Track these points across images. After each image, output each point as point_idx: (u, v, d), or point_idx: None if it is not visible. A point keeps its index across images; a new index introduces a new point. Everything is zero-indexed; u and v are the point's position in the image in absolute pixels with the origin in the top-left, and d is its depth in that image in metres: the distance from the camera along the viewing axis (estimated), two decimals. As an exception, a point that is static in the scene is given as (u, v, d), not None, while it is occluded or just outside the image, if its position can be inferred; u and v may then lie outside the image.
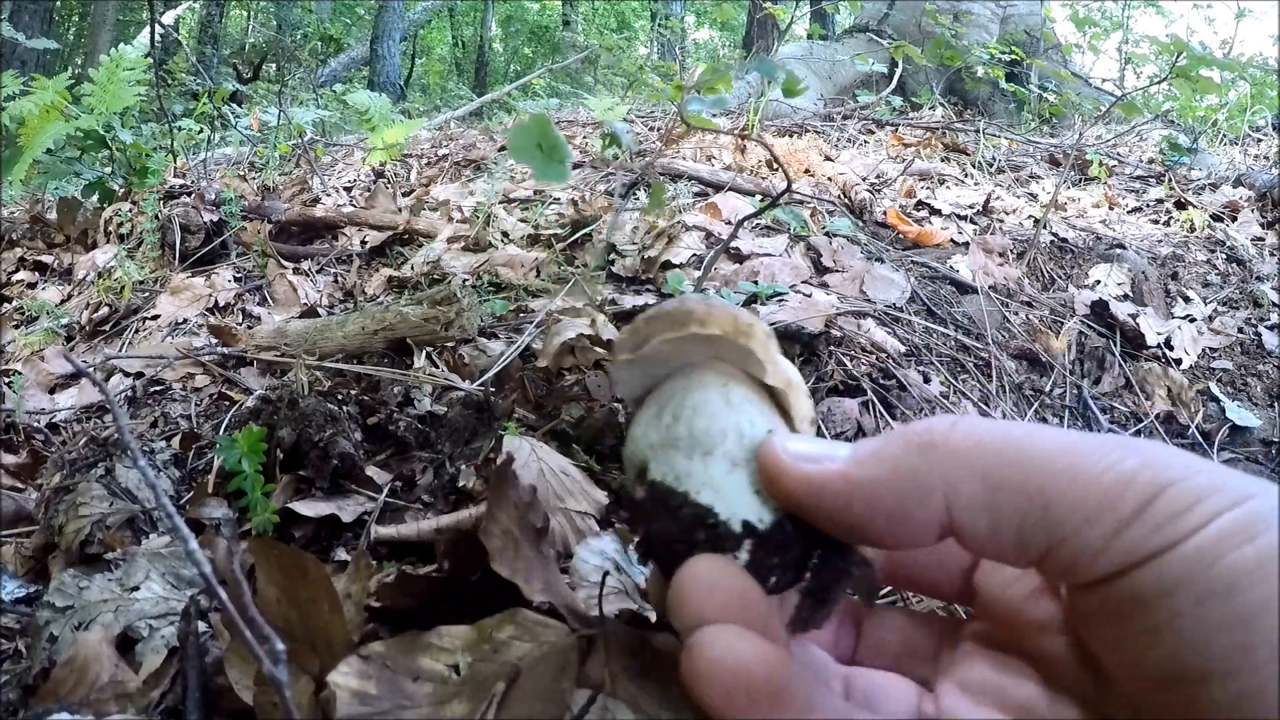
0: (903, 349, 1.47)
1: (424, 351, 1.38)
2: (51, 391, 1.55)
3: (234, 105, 4.12)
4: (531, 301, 1.64)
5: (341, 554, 0.93)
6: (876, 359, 1.39)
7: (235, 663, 0.61)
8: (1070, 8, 6.19)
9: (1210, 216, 2.71)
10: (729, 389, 0.51)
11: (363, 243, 2.15)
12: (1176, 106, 4.47)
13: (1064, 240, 2.35)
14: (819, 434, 1.22)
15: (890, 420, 1.28)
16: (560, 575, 0.67)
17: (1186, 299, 2.08)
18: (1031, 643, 0.47)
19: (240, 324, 1.73)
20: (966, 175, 3.09)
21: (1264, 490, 0.37)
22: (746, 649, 0.41)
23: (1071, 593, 0.43)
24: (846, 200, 2.42)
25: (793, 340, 1.38)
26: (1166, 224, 2.76)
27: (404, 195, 2.61)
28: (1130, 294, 2.03)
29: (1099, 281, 2.06)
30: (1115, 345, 1.75)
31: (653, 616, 0.64)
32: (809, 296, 1.57)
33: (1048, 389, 1.57)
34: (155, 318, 1.81)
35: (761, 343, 0.51)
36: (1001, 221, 2.50)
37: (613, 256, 1.82)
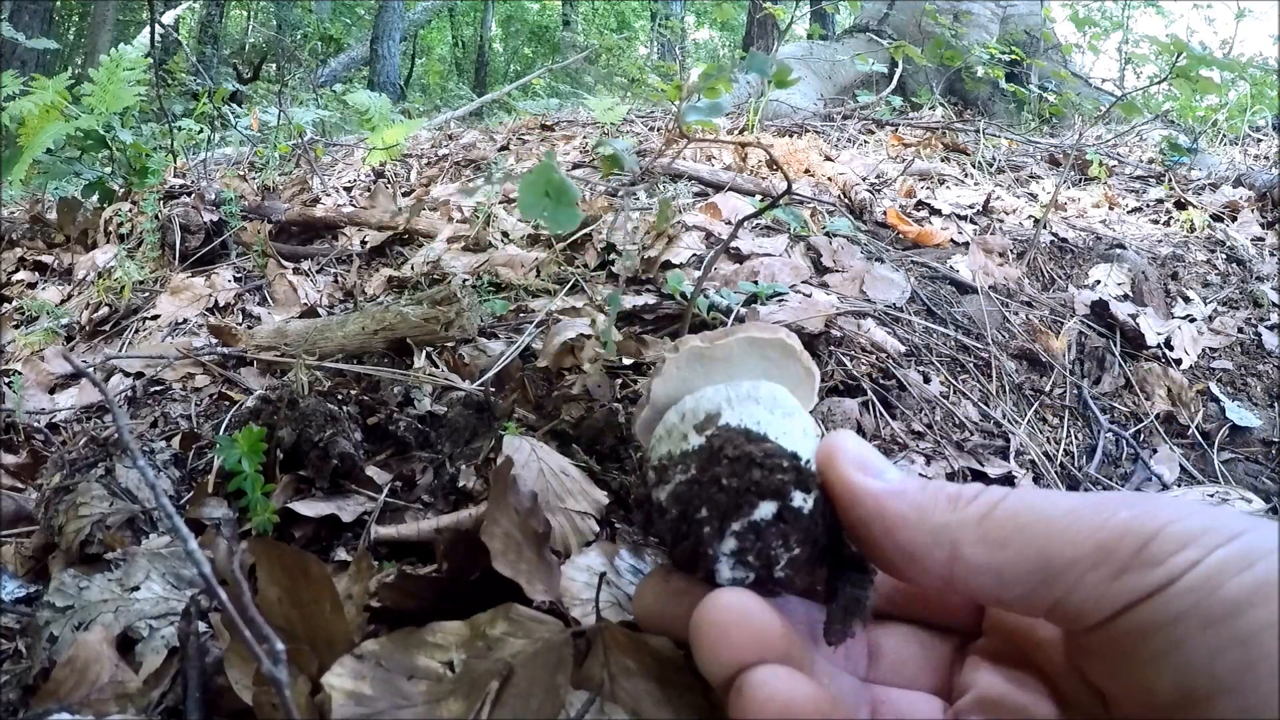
0: (903, 349, 1.47)
1: (424, 351, 1.38)
2: (51, 391, 1.55)
3: (234, 105, 4.12)
4: (531, 301, 1.64)
5: (342, 554, 0.93)
6: (876, 359, 1.39)
7: (235, 663, 0.61)
8: (1070, 8, 6.19)
9: (1210, 216, 2.71)
10: (792, 394, 0.58)
11: (363, 243, 2.15)
12: (1176, 106, 4.47)
13: (1064, 240, 2.35)
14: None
15: (890, 420, 1.28)
16: (560, 580, 0.67)
17: (1186, 299, 2.08)
18: (1040, 659, 0.50)
19: (240, 324, 1.73)
20: (966, 175, 3.09)
21: (1254, 526, 0.41)
22: (798, 690, 0.46)
23: (1072, 634, 0.46)
24: (846, 200, 2.42)
25: (793, 340, 1.38)
26: (1166, 224, 2.76)
27: (404, 195, 2.61)
28: (1130, 294, 2.03)
29: (1099, 281, 2.06)
30: (1115, 345, 1.75)
31: None
32: (809, 296, 1.57)
33: (1048, 389, 1.57)
34: (155, 318, 1.81)
35: (812, 379, 0.60)
36: (1001, 221, 2.50)
37: (612, 256, 1.82)
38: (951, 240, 2.22)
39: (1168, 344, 1.80)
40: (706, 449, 0.53)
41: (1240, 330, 1.97)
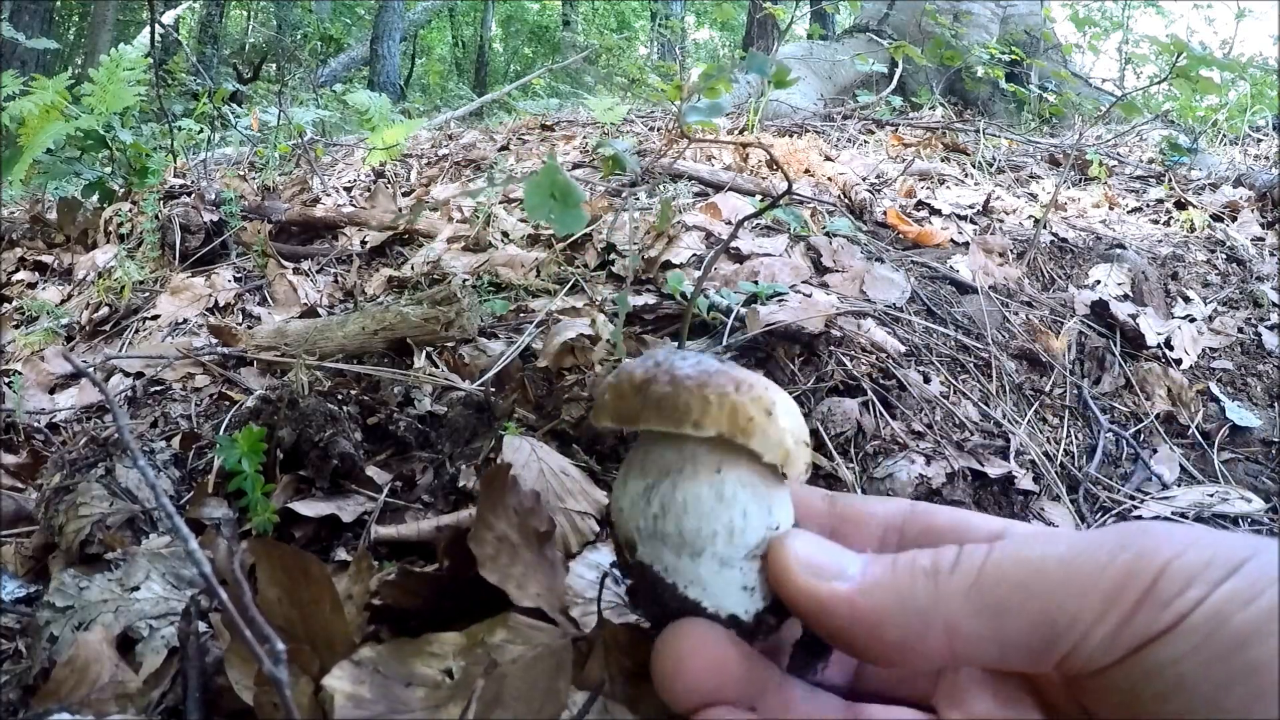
0: (903, 349, 1.47)
1: (424, 351, 1.38)
2: (51, 391, 1.55)
3: (234, 105, 4.12)
4: (531, 301, 1.64)
5: (342, 554, 0.93)
6: (876, 359, 1.39)
7: (235, 663, 0.61)
8: (1070, 8, 6.20)
9: (1210, 216, 2.71)
10: (722, 479, 0.48)
11: (363, 243, 2.15)
12: (1176, 106, 4.47)
13: (1064, 240, 2.35)
14: (819, 443, 1.22)
15: (890, 420, 1.28)
16: (563, 579, 0.67)
17: (1186, 299, 2.08)
18: (1033, 678, 0.49)
19: (240, 324, 1.73)
20: (966, 175, 3.09)
21: (1255, 551, 0.40)
22: None
23: (1075, 678, 0.44)
24: (846, 200, 2.42)
25: (793, 340, 1.38)
26: (1166, 224, 2.76)
27: (404, 195, 2.61)
28: (1130, 294, 2.03)
29: (1099, 281, 2.06)
30: (1115, 345, 1.75)
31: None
32: (809, 296, 1.57)
33: (1048, 389, 1.57)
34: (155, 318, 1.81)
35: (762, 432, 0.47)
36: (1001, 221, 2.50)
37: (612, 256, 1.82)
38: (951, 240, 2.22)
39: (1168, 344, 1.80)
40: (635, 580, 0.51)
41: (1240, 330, 1.97)
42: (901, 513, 0.55)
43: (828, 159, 2.85)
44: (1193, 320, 1.95)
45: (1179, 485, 1.43)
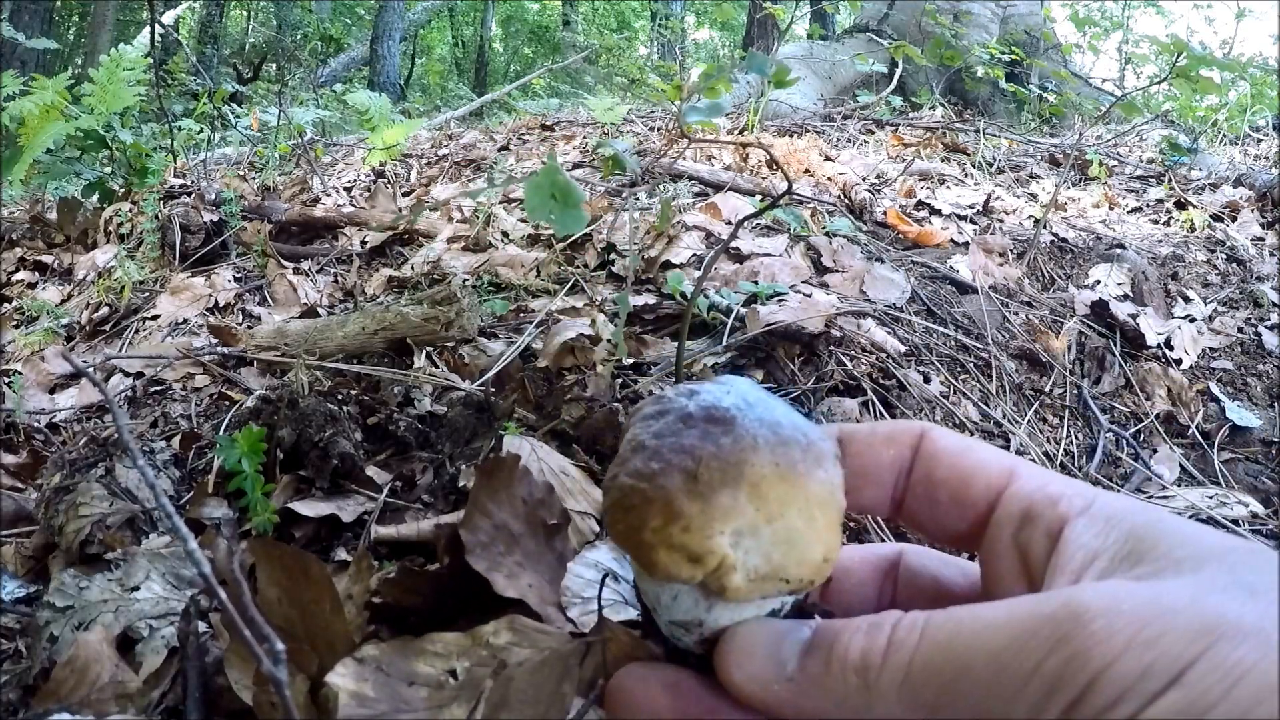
0: (903, 349, 1.47)
1: (424, 351, 1.38)
2: (51, 391, 1.55)
3: (234, 105, 4.12)
4: (531, 301, 1.64)
5: (342, 554, 0.93)
6: (876, 359, 1.39)
7: (235, 663, 0.62)
8: (1070, 8, 6.20)
9: (1210, 216, 2.71)
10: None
11: (363, 243, 2.15)
12: (1176, 106, 4.48)
13: (1064, 240, 2.35)
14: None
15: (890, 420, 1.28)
16: (562, 574, 0.67)
17: (1186, 299, 2.08)
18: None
19: (240, 324, 1.73)
20: (966, 175, 3.09)
21: (1208, 646, 0.35)
22: None
23: None
24: (846, 200, 2.42)
25: (793, 340, 1.38)
26: (1166, 224, 2.76)
27: (404, 195, 2.62)
28: (1130, 294, 2.03)
29: (1099, 281, 2.06)
30: (1115, 345, 1.75)
31: None
32: (809, 296, 1.57)
33: (1048, 389, 1.57)
34: (155, 318, 1.81)
35: (655, 564, 0.42)
36: (1001, 221, 2.50)
37: (612, 256, 1.82)
38: (951, 240, 2.22)
39: (1168, 344, 1.80)
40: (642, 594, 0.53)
41: (1240, 330, 1.97)
42: (910, 448, 0.52)
43: (828, 159, 2.85)
44: (1193, 320, 1.95)
45: (1179, 485, 1.43)
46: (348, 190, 2.79)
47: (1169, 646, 0.36)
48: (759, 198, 2.27)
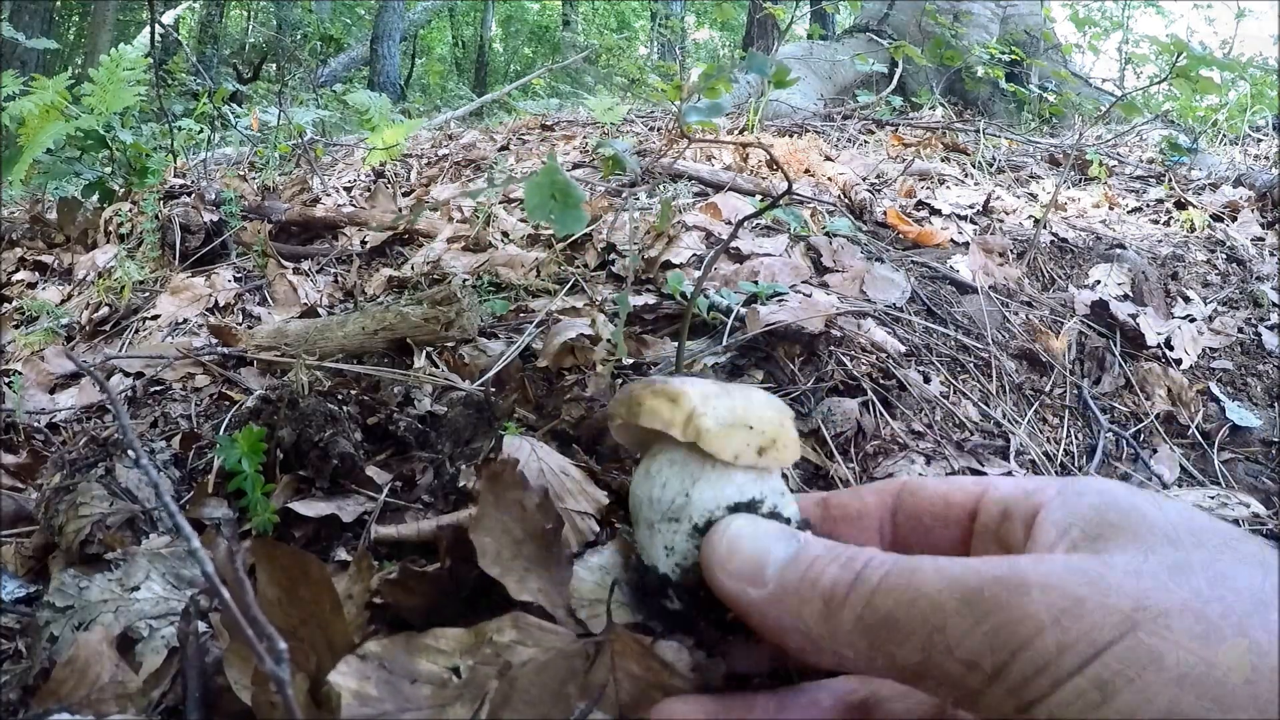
0: (903, 349, 1.47)
1: (424, 351, 1.38)
2: (51, 391, 1.55)
3: (234, 105, 4.12)
4: (531, 301, 1.64)
5: (342, 554, 0.93)
6: (876, 359, 1.39)
7: (235, 663, 0.61)
8: (1070, 8, 6.20)
9: (1210, 216, 2.71)
10: (652, 456, 0.55)
11: (363, 243, 2.15)
12: (1176, 106, 4.48)
13: (1064, 240, 2.35)
14: (819, 443, 1.22)
15: (890, 420, 1.28)
16: (568, 577, 0.66)
17: (1186, 299, 2.08)
18: None
19: (240, 324, 1.73)
20: (966, 175, 3.09)
21: (1133, 625, 0.35)
22: None
23: None
24: (846, 200, 2.42)
25: (793, 340, 1.38)
26: (1166, 224, 2.76)
27: (404, 195, 2.61)
28: (1130, 294, 2.03)
29: (1099, 281, 2.06)
30: (1115, 345, 1.75)
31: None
32: (809, 296, 1.57)
33: (1048, 389, 1.57)
34: (155, 318, 1.81)
35: (652, 412, 0.53)
36: (1001, 221, 2.50)
37: (612, 256, 1.82)
38: (951, 240, 2.22)
39: (1168, 344, 1.80)
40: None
41: (1240, 330, 1.97)
42: (893, 496, 0.56)
43: (828, 159, 2.85)
44: (1193, 320, 1.95)
45: (1179, 485, 1.43)
46: (348, 190, 2.79)
47: (1091, 625, 0.36)
48: (759, 198, 2.27)
